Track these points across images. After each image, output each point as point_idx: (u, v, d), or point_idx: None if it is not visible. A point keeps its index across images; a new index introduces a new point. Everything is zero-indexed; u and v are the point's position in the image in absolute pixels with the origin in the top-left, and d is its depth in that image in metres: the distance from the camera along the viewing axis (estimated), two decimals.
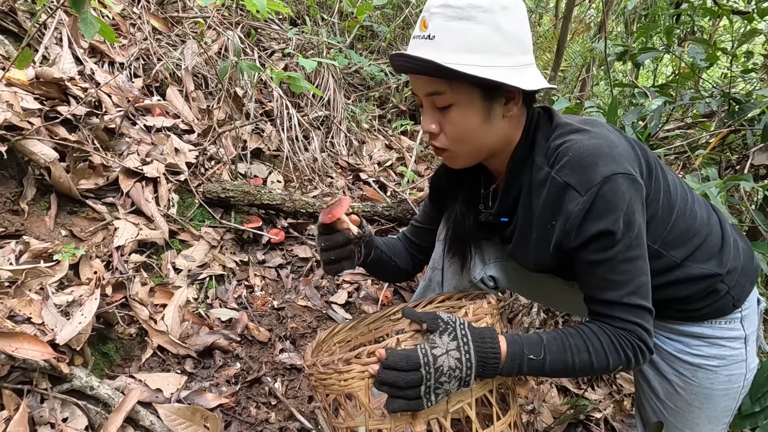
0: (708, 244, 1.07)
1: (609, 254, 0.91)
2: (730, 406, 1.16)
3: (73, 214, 1.63)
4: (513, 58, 0.93)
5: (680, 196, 1.06)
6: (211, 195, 1.99)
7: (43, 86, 1.77)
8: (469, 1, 0.89)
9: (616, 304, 0.93)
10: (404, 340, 0.93)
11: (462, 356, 0.88)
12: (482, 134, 1.00)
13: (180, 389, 1.37)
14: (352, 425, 0.99)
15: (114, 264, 1.52)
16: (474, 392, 0.94)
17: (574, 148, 0.93)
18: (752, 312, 1.13)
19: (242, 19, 2.93)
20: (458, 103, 0.95)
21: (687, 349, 1.14)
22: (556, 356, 0.93)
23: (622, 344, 0.93)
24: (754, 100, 1.92)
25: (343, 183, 2.78)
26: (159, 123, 2.11)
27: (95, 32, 1.31)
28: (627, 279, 0.92)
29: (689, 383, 1.15)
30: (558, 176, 0.94)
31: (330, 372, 0.94)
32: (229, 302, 1.76)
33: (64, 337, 1.15)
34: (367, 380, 0.91)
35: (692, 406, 1.16)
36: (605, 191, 0.89)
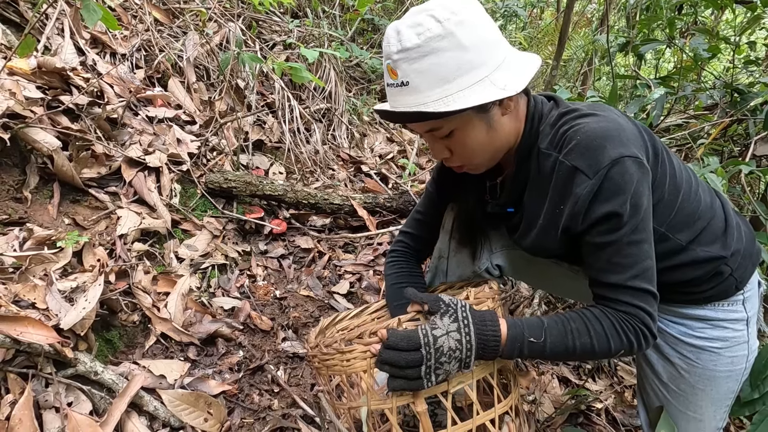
0: (712, 227, 1.07)
1: (615, 236, 0.91)
2: (733, 387, 1.17)
3: (76, 202, 1.63)
4: (490, 62, 0.92)
5: (685, 180, 1.06)
6: (213, 185, 1.99)
7: (45, 75, 1.77)
8: (425, 37, 0.87)
9: (620, 287, 0.93)
10: (406, 321, 0.94)
11: (462, 337, 0.88)
12: (492, 141, 1.00)
13: (183, 376, 1.38)
14: (354, 405, 0.99)
15: (117, 252, 1.53)
16: (475, 374, 0.95)
17: (582, 131, 0.93)
18: (754, 294, 1.14)
19: (243, 11, 2.93)
20: (458, 127, 0.95)
21: (690, 331, 1.15)
22: (557, 339, 0.93)
23: (625, 328, 0.92)
24: (756, 90, 1.91)
25: (345, 175, 2.79)
26: (161, 114, 2.12)
27: (98, 19, 1.31)
28: (632, 262, 0.92)
29: (693, 365, 1.15)
30: (566, 160, 0.94)
31: (333, 353, 0.95)
32: (232, 291, 1.76)
33: (69, 322, 1.15)
34: (369, 360, 0.92)
35: (696, 389, 1.17)
36: (613, 174, 0.89)
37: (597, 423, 2.11)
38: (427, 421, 0.91)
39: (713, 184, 1.50)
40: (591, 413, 2.14)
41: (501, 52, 0.94)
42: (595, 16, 5.63)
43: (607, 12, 2.87)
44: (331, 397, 1.10)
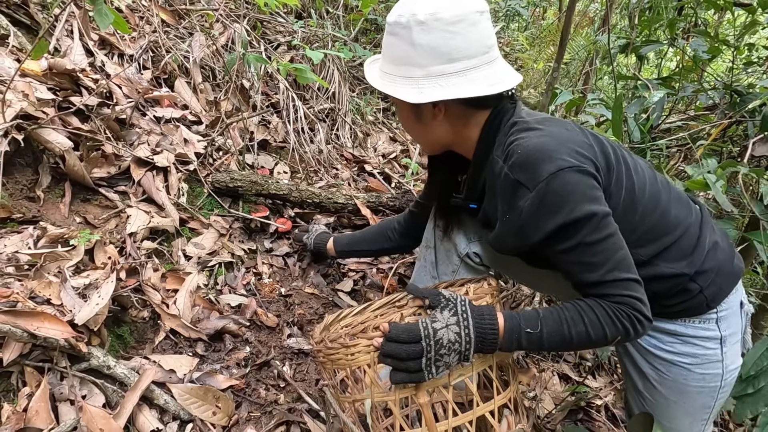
0: (681, 244, 1.08)
1: (576, 241, 0.95)
2: (708, 403, 1.17)
3: (87, 201, 1.67)
4: (429, 68, 1.01)
5: (649, 194, 1.08)
6: (219, 185, 2.02)
7: (56, 77, 1.81)
8: (395, 19, 1.01)
9: (601, 284, 0.96)
10: (407, 315, 0.97)
11: (461, 330, 0.93)
12: (421, 132, 1.16)
13: (192, 371, 1.42)
14: (358, 398, 1.03)
15: (127, 250, 1.56)
16: (475, 366, 0.98)
17: (522, 146, 0.98)
18: (732, 314, 1.14)
19: (248, 11, 2.96)
20: (396, 105, 1.14)
21: (661, 345, 1.16)
22: (553, 329, 0.96)
23: (618, 315, 0.95)
24: (755, 91, 1.94)
25: (348, 174, 2.82)
26: (168, 114, 2.15)
27: (109, 23, 1.35)
28: (603, 258, 0.95)
29: (664, 377, 1.17)
30: (510, 173, 0.99)
31: (337, 347, 0.99)
32: (238, 289, 1.80)
33: (83, 317, 1.19)
34: (373, 354, 0.95)
35: (668, 400, 1.19)
36: (554, 187, 0.93)
37: (597, 419, 2.15)
38: (429, 413, 0.94)
39: (712, 187, 1.53)
40: (591, 410, 2.17)
41: (452, 66, 1.01)
42: (597, 16, 5.64)
43: (608, 13, 2.89)
44: (336, 391, 1.13)
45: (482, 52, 1.02)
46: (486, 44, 1.03)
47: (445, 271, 1.43)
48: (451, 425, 0.96)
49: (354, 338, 0.97)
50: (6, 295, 1.12)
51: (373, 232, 1.81)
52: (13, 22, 1.94)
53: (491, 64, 1.05)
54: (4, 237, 1.33)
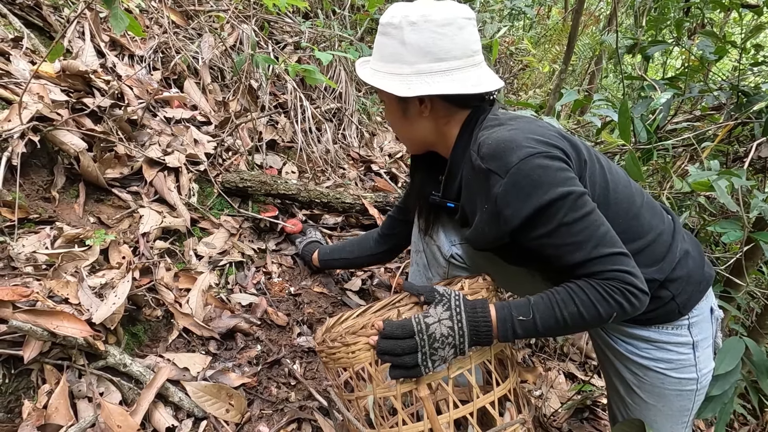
0: (652, 250, 1.11)
1: (555, 223, 0.96)
2: (687, 406, 1.21)
3: (100, 201, 1.70)
4: (417, 66, 1.07)
5: (623, 195, 1.10)
6: (229, 185, 2.05)
7: (69, 79, 1.83)
8: (387, 20, 1.09)
9: (588, 262, 0.95)
10: (404, 312, 1.00)
11: (454, 324, 0.96)
12: (406, 129, 1.21)
13: (205, 369, 1.44)
14: (361, 395, 1.06)
15: (140, 249, 1.59)
16: (473, 359, 1.00)
17: (493, 137, 1.02)
18: (703, 320, 1.17)
19: (256, 12, 2.98)
20: (384, 101, 1.19)
21: (636, 351, 1.19)
22: (545, 313, 0.97)
23: (609, 292, 0.94)
24: (762, 93, 1.95)
25: (355, 174, 2.84)
26: (178, 115, 2.18)
27: (125, 27, 1.37)
28: (586, 236, 0.95)
29: (642, 382, 1.20)
30: (481, 164, 1.03)
31: (339, 346, 1.02)
32: (249, 288, 1.82)
33: (100, 316, 1.22)
34: (373, 351, 0.98)
35: (648, 404, 1.22)
36: (525, 171, 0.95)
37: (602, 418, 2.17)
38: (430, 406, 0.97)
39: (716, 187, 1.55)
40: (597, 408, 2.19)
41: (439, 65, 1.07)
42: (603, 15, 5.64)
43: (615, 12, 2.89)
44: (340, 389, 1.16)
45: (467, 55, 1.09)
46: (471, 48, 1.10)
47: (437, 272, 1.46)
48: (452, 418, 0.98)
49: (354, 336, 1.00)
50: (26, 294, 1.15)
51: (355, 241, 1.86)
52: (26, 24, 1.97)
53: (475, 67, 1.11)
54: (22, 237, 1.36)
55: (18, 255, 1.29)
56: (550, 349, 2.49)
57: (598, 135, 2.29)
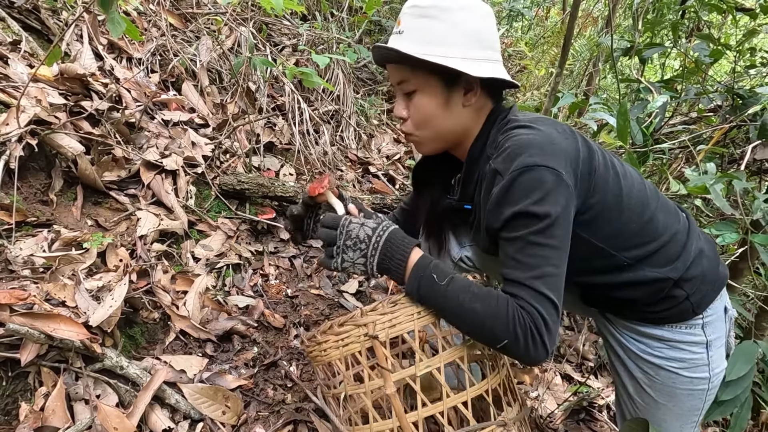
0: (667, 249, 1.10)
1: (518, 234, 0.95)
2: (697, 405, 1.20)
3: (98, 204, 1.71)
4: (468, 51, 1.04)
5: (637, 199, 1.09)
6: (227, 187, 2.06)
7: (67, 82, 1.84)
8: (432, 2, 1.04)
9: (520, 284, 0.94)
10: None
11: (374, 236, 1.03)
12: (442, 120, 1.11)
13: (202, 371, 1.45)
14: (335, 392, 1.10)
15: (138, 252, 1.60)
16: (443, 357, 1.01)
17: (512, 140, 1.01)
18: (717, 319, 1.17)
19: (254, 14, 2.99)
20: (420, 89, 1.08)
21: (649, 350, 1.19)
22: (455, 292, 0.96)
23: (516, 319, 0.91)
24: (757, 96, 1.96)
25: (353, 176, 2.85)
26: (176, 117, 2.18)
27: (122, 31, 1.38)
28: (534, 263, 0.94)
29: (654, 381, 1.20)
30: (492, 164, 1.03)
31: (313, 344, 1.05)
32: (246, 290, 1.83)
33: (97, 319, 1.23)
34: (341, 349, 1.01)
35: (658, 403, 1.21)
36: (524, 178, 0.95)
37: (599, 419, 2.17)
38: (398, 404, 0.98)
39: (711, 191, 1.56)
40: (593, 410, 2.20)
41: (485, 53, 1.06)
42: (600, 16, 5.65)
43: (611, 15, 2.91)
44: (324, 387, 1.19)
45: (499, 48, 1.11)
46: (498, 43, 1.12)
47: None
48: (422, 417, 0.98)
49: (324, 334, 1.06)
50: (23, 297, 1.16)
51: None
52: (25, 27, 1.98)
53: (501, 62, 1.13)
54: (20, 240, 1.37)
55: (15, 258, 1.30)
56: None
57: (595, 137, 2.30)
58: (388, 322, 1.00)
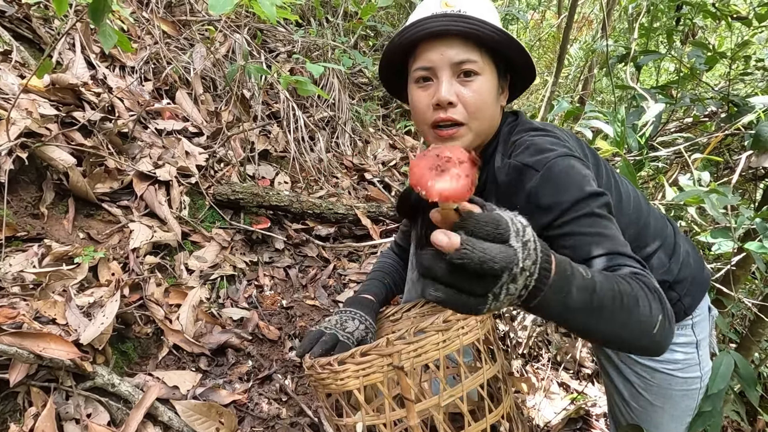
0: (661, 253, 1.13)
1: (587, 210, 0.89)
2: (691, 405, 1.23)
3: (90, 217, 1.69)
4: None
5: (634, 205, 1.12)
6: (221, 197, 2.04)
7: (59, 92, 1.82)
8: None
9: (615, 255, 0.84)
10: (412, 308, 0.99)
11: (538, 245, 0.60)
12: (492, 111, 1.03)
13: (195, 386, 1.43)
14: (350, 422, 1.04)
15: (130, 265, 1.58)
16: (465, 386, 0.99)
17: (532, 139, 1.00)
18: (703, 319, 1.20)
19: (249, 21, 2.98)
20: (484, 74, 0.99)
21: None
22: (605, 281, 0.70)
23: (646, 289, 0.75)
24: (750, 104, 1.96)
25: (349, 183, 2.84)
26: (169, 126, 2.17)
27: (113, 43, 1.36)
28: (612, 233, 0.88)
29: (649, 384, 1.22)
30: (515, 160, 0.99)
31: (327, 372, 1.00)
32: (240, 302, 1.82)
33: (88, 337, 1.21)
34: (362, 379, 0.97)
35: (654, 406, 1.23)
36: (562, 166, 0.93)
37: (596, 428, 2.16)
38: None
39: (705, 200, 1.55)
40: (590, 418, 2.19)
41: None
42: (596, 20, 5.66)
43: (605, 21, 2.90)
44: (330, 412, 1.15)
45: None
46: None
47: None
48: None
49: (342, 363, 0.99)
50: (12, 316, 1.14)
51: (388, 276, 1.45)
52: (16, 36, 1.96)
53: None
54: (10, 256, 1.35)
55: (5, 275, 1.28)
56: (543, 358, 2.49)
57: (591, 144, 2.30)
58: (413, 351, 0.97)
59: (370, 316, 1.23)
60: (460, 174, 0.57)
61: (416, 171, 0.59)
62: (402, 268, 1.46)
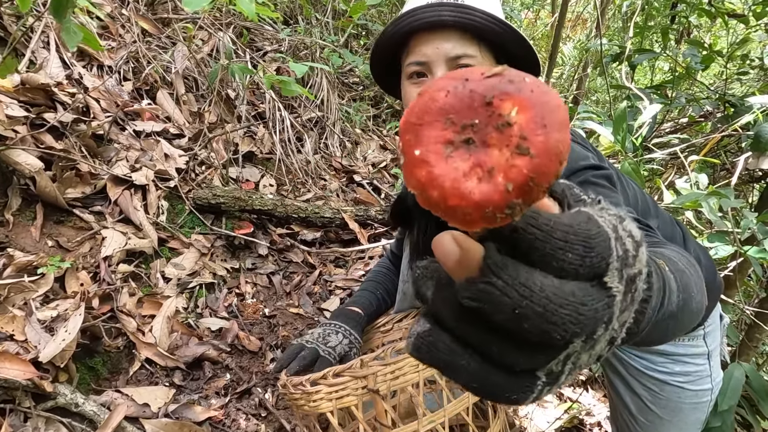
0: None
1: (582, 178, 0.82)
2: (700, 418, 1.18)
3: (60, 223, 1.61)
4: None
5: (641, 210, 1.05)
6: (201, 201, 1.97)
7: (29, 92, 1.74)
8: None
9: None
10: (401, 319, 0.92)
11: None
12: None
13: (168, 403, 1.36)
14: None
15: (101, 275, 1.50)
16: (448, 411, 0.93)
17: None
18: (715, 328, 1.14)
19: (234, 19, 2.90)
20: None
21: (653, 366, 1.15)
22: (675, 265, 0.54)
23: (690, 263, 0.59)
24: (746, 105, 1.90)
25: (337, 185, 2.77)
26: (149, 128, 2.09)
27: (78, 41, 1.29)
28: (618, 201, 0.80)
29: (658, 397, 1.16)
30: None
31: (299, 392, 0.94)
32: (219, 311, 1.74)
33: (48, 354, 1.13)
34: (335, 401, 0.90)
35: (663, 420, 1.18)
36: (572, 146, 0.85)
37: None
38: None
39: (704, 205, 1.49)
40: (583, 427, 2.13)
41: None
42: (590, 19, 5.61)
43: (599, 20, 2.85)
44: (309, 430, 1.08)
45: None
46: None
47: None
48: None
49: (315, 384, 0.92)
50: None
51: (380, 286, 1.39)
52: None
53: None
54: None
55: None
56: None
57: None
58: (390, 374, 0.90)
59: (355, 330, 1.17)
60: (527, 141, 0.26)
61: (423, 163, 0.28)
62: (397, 277, 1.39)
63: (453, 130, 0.28)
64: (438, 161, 0.27)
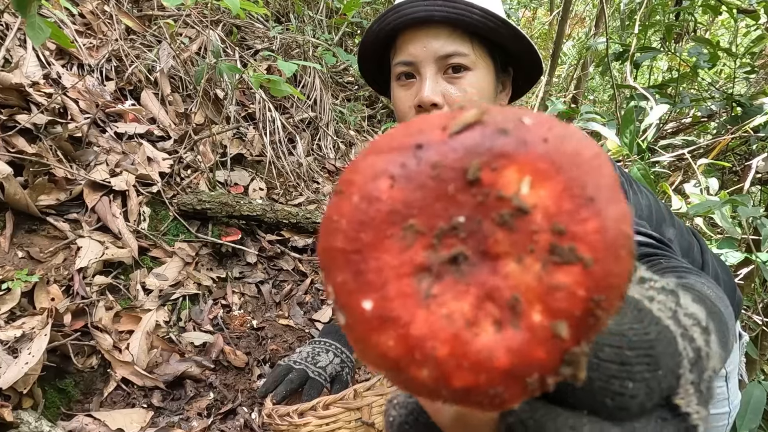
0: None
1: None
2: None
3: (32, 232, 1.51)
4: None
5: (656, 219, 0.97)
6: (186, 207, 1.87)
7: (1, 93, 1.64)
8: None
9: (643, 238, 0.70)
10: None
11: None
12: None
13: (145, 427, 1.26)
14: None
15: (75, 288, 1.41)
16: None
17: None
18: (733, 349, 1.07)
19: (223, 16, 2.80)
20: (477, 68, 0.83)
21: None
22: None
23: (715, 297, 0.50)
24: (758, 105, 1.82)
25: (330, 188, 2.67)
26: (131, 129, 1.99)
27: (45, 38, 1.19)
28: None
29: None
30: None
31: (286, 424, 0.85)
32: (204, 324, 1.65)
33: (8, 380, 1.04)
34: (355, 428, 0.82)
35: None
36: None
37: None
38: None
39: (716, 212, 1.41)
40: None
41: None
42: (588, 17, 5.53)
43: (602, 18, 2.76)
44: None
45: None
46: None
47: None
48: None
49: (302, 416, 0.83)
50: None
51: None
52: None
53: None
54: None
55: None
56: None
57: None
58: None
59: (347, 348, 1.07)
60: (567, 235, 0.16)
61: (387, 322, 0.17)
62: None
63: (422, 246, 0.16)
64: (413, 310, 0.16)
